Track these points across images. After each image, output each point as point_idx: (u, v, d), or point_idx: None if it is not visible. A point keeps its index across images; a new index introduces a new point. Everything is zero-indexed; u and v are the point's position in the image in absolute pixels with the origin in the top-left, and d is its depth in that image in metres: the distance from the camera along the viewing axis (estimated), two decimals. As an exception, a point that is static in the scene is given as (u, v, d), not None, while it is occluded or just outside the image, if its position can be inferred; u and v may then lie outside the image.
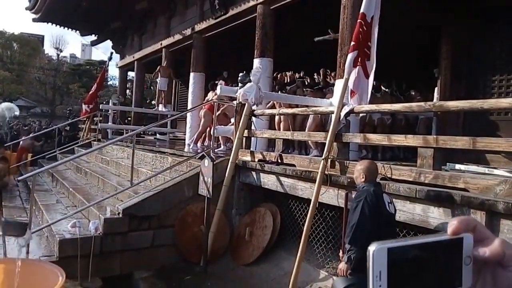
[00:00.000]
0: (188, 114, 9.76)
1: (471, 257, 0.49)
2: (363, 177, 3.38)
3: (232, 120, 7.25)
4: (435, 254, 0.49)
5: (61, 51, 41.49)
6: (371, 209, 3.16)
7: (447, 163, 3.91)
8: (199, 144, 8.75)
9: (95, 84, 14.25)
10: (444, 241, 0.49)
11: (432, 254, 0.48)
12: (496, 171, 3.66)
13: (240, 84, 6.13)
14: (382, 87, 7.42)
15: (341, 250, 3.75)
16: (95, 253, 4.84)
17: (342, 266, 3.28)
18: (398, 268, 0.47)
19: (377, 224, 3.17)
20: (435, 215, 3.44)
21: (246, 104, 5.87)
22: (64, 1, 12.85)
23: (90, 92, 14.06)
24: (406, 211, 3.67)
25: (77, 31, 16.86)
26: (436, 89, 6.63)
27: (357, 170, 3.50)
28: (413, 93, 7.64)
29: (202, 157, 5.64)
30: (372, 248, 0.47)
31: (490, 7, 6.32)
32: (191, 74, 10.24)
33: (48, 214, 5.92)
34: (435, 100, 6.48)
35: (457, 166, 3.89)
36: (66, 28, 16.25)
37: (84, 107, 13.60)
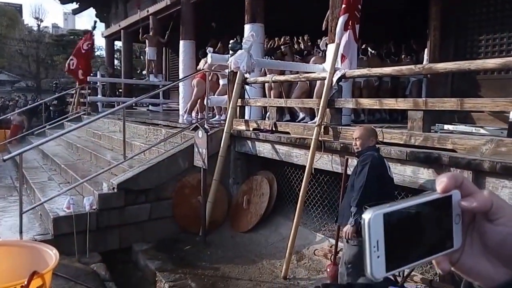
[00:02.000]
0: (181, 84, 9.88)
1: (460, 214, 0.49)
2: (372, 141, 3.59)
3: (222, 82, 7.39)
4: (427, 215, 0.47)
5: (41, 21, 40.93)
6: (376, 172, 3.40)
7: (436, 124, 4.14)
8: (193, 114, 8.93)
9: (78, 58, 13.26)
10: (436, 200, 0.48)
11: (425, 215, 0.47)
12: (482, 130, 3.90)
13: (231, 52, 6.25)
14: (369, 49, 7.58)
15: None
16: (92, 229, 5.05)
17: (348, 228, 3.48)
18: (394, 234, 0.45)
19: (383, 187, 3.42)
20: (424, 176, 3.70)
21: (238, 72, 6.02)
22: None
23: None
24: (397, 173, 3.92)
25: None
26: (426, 50, 6.82)
27: (354, 135, 3.68)
28: (403, 55, 7.81)
29: (195, 129, 5.83)
30: (367, 215, 0.44)
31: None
32: (181, 42, 10.25)
33: (40, 192, 6.04)
34: (425, 61, 6.69)
35: (446, 127, 4.12)
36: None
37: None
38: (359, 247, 3.40)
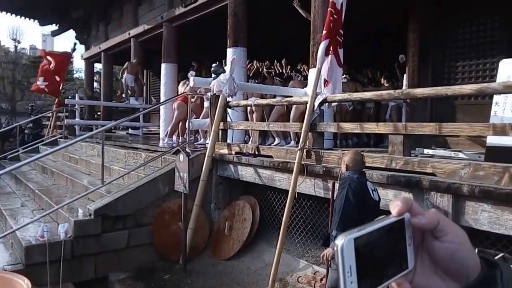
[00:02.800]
0: (162, 107, 9.93)
1: (412, 236, 0.52)
2: (346, 167, 3.68)
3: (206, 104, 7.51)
4: (388, 238, 0.50)
5: (19, 42, 40.70)
6: (355, 195, 3.43)
7: (416, 148, 4.26)
8: (174, 137, 8.96)
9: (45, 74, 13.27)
10: (393, 223, 0.50)
11: (386, 238, 0.49)
12: (461, 154, 4.03)
13: (213, 75, 6.36)
14: (344, 75, 7.86)
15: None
16: (66, 258, 4.94)
17: (328, 251, 3.54)
18: (363, 259, 0.46)
19: (362, 210, 3.45)
20: (406, 200, 3.78)
21: (221, 95, 6.11)
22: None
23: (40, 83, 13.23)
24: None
25: (36, 21, 16.70)
26: (405, 75, 7.09)
27: (342, 160, 3.79)
28: (383, 81, 8.09)
29: (177, 152, 5.85)
30: (339, 241, 0.45)
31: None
32: (163, 65, 10.37)
33: (12, 219, 5.92)
34: (404, 86, 6.93)
35: (426, 151, 4.25)
36: (23, 18, 16.07)
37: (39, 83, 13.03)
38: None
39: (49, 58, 13.37)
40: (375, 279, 0.48)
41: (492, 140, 3.61)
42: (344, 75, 7.85)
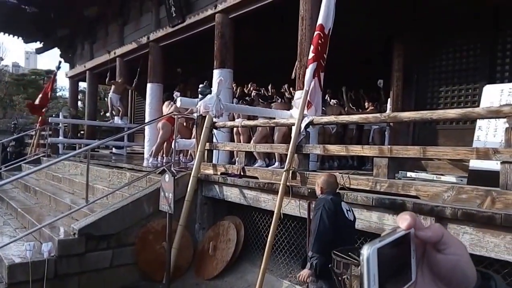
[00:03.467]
0: (146, 127, 9.89)
1: (415, 249, 0.54)
2: (320, 190, 3.74)
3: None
4: (398, 250, 0.51)
5: (2, 59, 40.29)
6: (329, 216, 3.49)
7: (400, 171, 4.33)
8: (159, 158, 8.90)
9: (42, 94, 13.60)
10: (404, 236, 0.52)
11: (396, 250, 0.51)
12: (443, 178, 4.11)
13: (200, 96, 6.38)
14: (333, 100, 8.03)
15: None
16: (50, 277, 4.87)
17: (305, 272, 3.55)
18: (383, 269, 0.47)
19: (337, 230, 3.53)
20: (390, 222, 3.83)
21: (207, 116, 6.13)
22: (3, 5, 12.67)
23: (37, 102, 13.53)
24: (363, 219, 4.04)
25: (20, 38, 16.59)
26: (389, 99, 7.25)
27: (317, 182, 3.87)
28: (367, 104, 8.26)
29: (162, 172, 5.82)
30: (366, 251, 0.46)
31: (433, 23, 7.08)
32: (148, 85, 10.35)
33: None
34: (388, 110, 7.08)
35: (409, 174, 4.33)
36: (6, 34, 15.97)
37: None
38: None
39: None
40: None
41: (475, 164, 3.70)
42: (334, 101, 8.02)
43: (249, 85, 8.10)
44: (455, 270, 0.53)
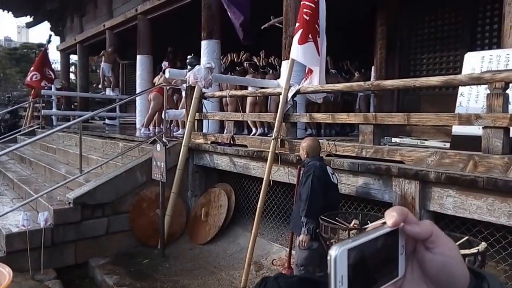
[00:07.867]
0: (138, 98, 9.66)
1: (404, 245, 0.50)
2: (306, 154, 3.72)
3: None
4: (381, 247, 0.48)
5: (-7, 33, 38.99)
6: (320, 181, 3.51)
7: (385, 137, 4.25)
8: (151, 128, 8.75)
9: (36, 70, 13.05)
10: (388, 233, 0.49)
11: (379, 248, 0.48)
12: (427, 143, 4.04)
13: (189, 67, 6.18)
14: (334, 70, 7.82)
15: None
16: (47, 245, 4.82)
17: (303, 237, 3.53)
18: (355, 268, 0.45)
19: (326, 194, 3.53)
20: (375, 186, 3.77)
21: (196, 86, 5.96)
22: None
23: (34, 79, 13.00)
24: (350, 184, 3.98)
25: (10, 12, 15.95)
26: (373, 67, 7.10)
27: (301, 147, 3.85)
28: (354, 72, 8.08)
29: (153, 142, 5.69)
30: (333, 252, 0.44)
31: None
32: (138, 57, 10.07)
33: None
34: (372, 78, 6.95)
35: (394, 140, 4.25)
36: (-3, 9, 15.35)
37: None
38: (309, 250, 3.55)
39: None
40: (366, 286, 0.47)
41: (457, 129, 3.62)
42: (333, 71, 7.79)
43: (241, 54, 7.84)
44: (443, 271, 0.49)
